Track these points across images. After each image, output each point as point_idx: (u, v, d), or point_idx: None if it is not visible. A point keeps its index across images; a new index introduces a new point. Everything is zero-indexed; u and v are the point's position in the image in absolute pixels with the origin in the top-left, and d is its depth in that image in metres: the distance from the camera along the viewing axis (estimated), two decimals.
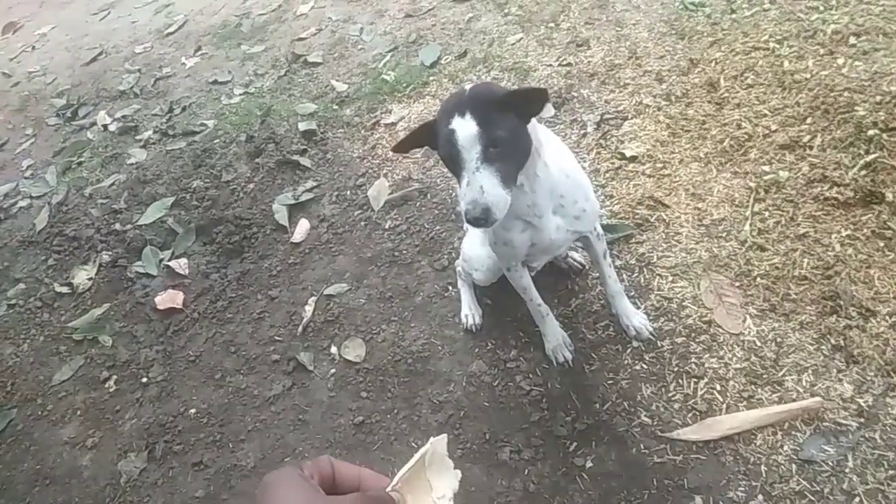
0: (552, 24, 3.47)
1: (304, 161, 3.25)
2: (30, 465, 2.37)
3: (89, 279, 3.05)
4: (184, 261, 2.97)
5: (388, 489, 0.74)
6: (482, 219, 1.39)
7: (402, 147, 1.58)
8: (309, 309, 2.55)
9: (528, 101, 1.44)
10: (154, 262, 3.01)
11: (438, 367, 2.20)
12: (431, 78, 3.45)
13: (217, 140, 3.66)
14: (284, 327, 2.55)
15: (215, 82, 4.28)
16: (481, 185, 1.38)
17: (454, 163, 1.42)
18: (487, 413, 2.04)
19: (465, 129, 1.37)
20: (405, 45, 3.83)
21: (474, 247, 2.05)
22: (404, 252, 2.61)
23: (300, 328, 2.49)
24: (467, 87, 1.46)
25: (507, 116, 1.41)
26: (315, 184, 3.11)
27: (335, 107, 3.56)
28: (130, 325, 2.77)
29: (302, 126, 3.46)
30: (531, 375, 2.08)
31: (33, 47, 5.96)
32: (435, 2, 4.11)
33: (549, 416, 1.97)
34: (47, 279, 3.14)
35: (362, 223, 2.82)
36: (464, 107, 1.39)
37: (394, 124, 3.26)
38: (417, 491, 0.75)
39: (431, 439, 0.79)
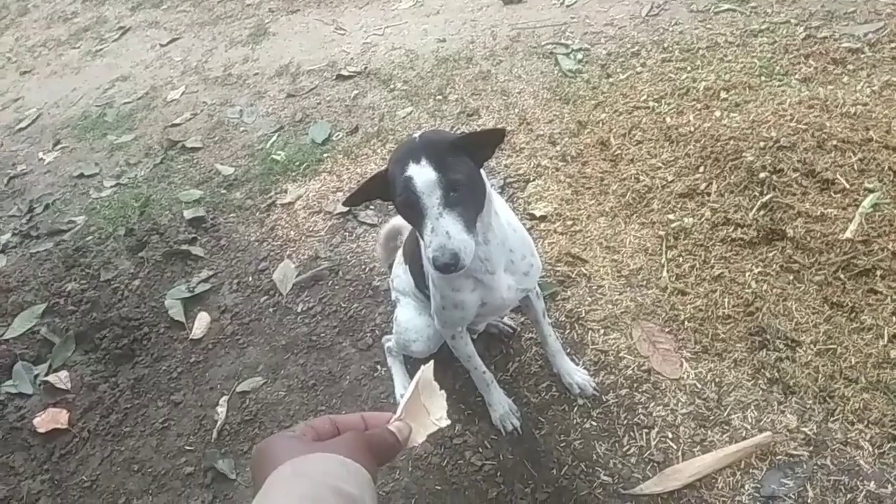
0: (440, 97, 3.53)
1: (196, 250, 3.02)
2: None
3: None
4: (64, 373, 2.62)
5: (394, 420, 0.82)
6: (451, 264, 1.30)
7: (354, 200, 1.47)
8: (221, 410, 2.31)
9: (482, 144, 1.39)
10: (28, 379, 2.63)
11: None
12: (325, 155, 3.37)
13: (90, 237, 3.35)
14: (195, 434, 2.28)
15: (81, 176, 3.95)
16: (447, 230, 1.30)
17: (414, 210, 1.34)
18: (441, 497, 1.89)
19: (422, 175, 1.30)
20: (291, 124, 3.74)
21: (410, 316, 1.95)
22: (322, 335, 2.45)
23: (214, 433, 2.24)
24: (416, 135, 1.40)
25: (462, 160, 1.35)
26: (211, 273, 2.89)
27: (223, 191, 3.38)
28: (6, 455, 2.37)
29: (188, 214, 3.24)
30: (481, 449, 1.97)
31: None
32: (317, 81, 4.08)
33: (506, 491, 1.86)
34: None
35: (271, 309, 2.63)
36: (418, 153, 1.32)
37: (291, 204, 3.12)
38: (417, 417, 0.84)
39: (422, 367, 0.89)
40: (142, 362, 2.60)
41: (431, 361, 0.94)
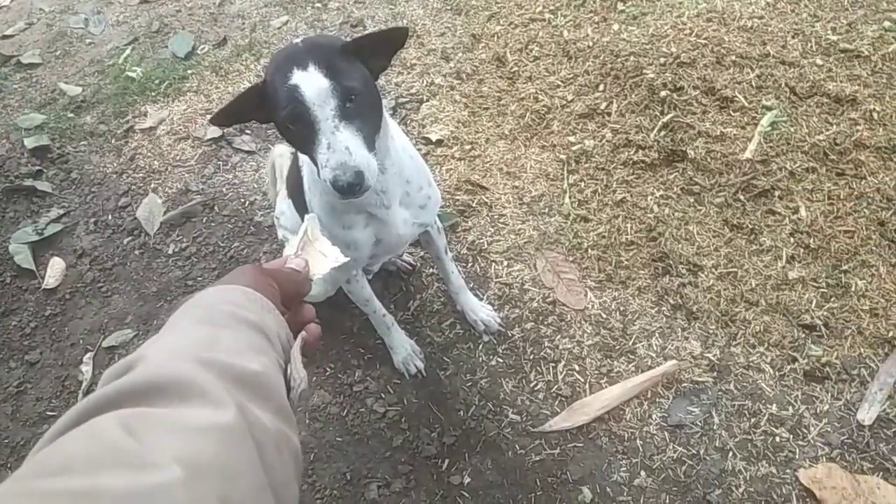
0: (319, 5, 3.18)
1: (42, 185, 2.62)
2: None
3: None
4: None
5: (293, 256, 0.87)
6: (356, 184, 1.11)
7: (223, 118, 1.21)
8: (86, 369, 2.04)
9: (379, 48, 1.19)
10: None
11: None
12: (189, 71, 2.98)
13: None
14: (57, 398, 2.01)
15: None
16: (346, 145, 1.10)
17: (303, 125, 1.13)
18: (342, 449, 1.76)
19: (312, 82, 1.09)
20: (147, 35, 3.28)
21: None
22: (199, 279, 2.20)
23: (80, 395, 1.98)
24: (297, 40, 1.17)
25: (356, 66, 1.15)
26: (62, 211, 2.52)
27: (70, 115, 2.93)
28: None
29: (29, 142, 2.79)
30: (383, 395, 1.84)
31: None
32: None
33: (412, 437, 1.76)
34: None
35: (137, 252, 2.33)
36: (304, 59, 1.10)
37: (153, 128, 2.75)
38: (314, 259, 0.89)
39: (306, 217, 0.94)
40: None
41: (314, 215, 0.95)
